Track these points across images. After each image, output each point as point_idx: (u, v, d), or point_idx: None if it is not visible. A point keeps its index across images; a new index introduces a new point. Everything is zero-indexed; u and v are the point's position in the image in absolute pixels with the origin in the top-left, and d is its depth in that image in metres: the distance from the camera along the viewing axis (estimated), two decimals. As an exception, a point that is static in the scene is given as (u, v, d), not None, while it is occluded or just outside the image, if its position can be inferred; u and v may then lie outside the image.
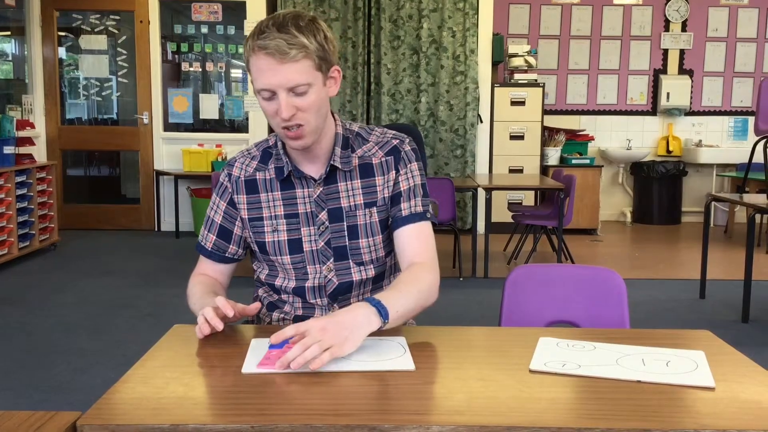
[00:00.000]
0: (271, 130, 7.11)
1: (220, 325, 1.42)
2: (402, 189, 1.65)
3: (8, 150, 5.42)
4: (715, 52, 7.77)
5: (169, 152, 7.10)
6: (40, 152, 6.77)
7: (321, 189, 1.63)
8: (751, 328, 4.04)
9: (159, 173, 7.04)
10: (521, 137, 7.03)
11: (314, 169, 1.63)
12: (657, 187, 7.61)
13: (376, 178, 1.65)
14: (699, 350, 1.36)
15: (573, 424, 1.05)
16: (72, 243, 6.39)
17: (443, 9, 6.88)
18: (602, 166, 7.34)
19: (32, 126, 6.44)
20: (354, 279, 1.66)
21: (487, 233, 5.24)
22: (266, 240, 1.65)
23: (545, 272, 1.92)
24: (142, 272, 5.32)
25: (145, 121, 7.09)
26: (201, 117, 7.21)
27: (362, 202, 1.64)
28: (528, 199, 7.06)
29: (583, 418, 1.07)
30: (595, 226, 7.10)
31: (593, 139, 7.62)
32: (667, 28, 7.73)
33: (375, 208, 1.65)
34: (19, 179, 5.54)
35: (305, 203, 1.63)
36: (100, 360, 3.42)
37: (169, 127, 7.19)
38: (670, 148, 7.80)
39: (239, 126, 7.29)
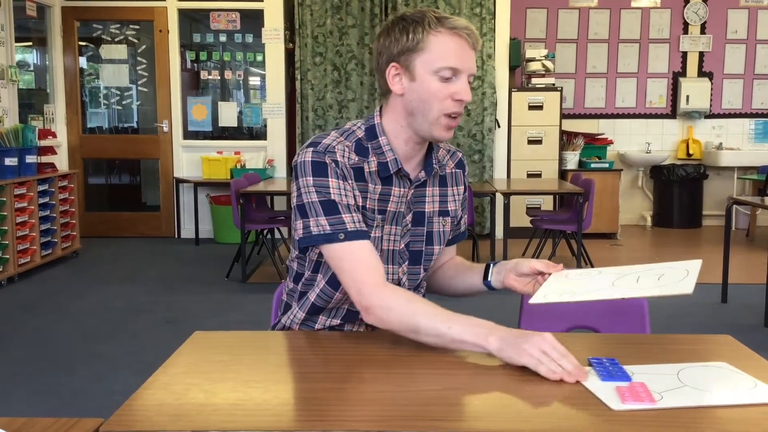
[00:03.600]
0: (290, 136, 7.16)
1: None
2: (466, 206, 1.75)
3: (30, 159, 5.49)
4: (734, 54, 7.70)
5: (189, 160, 7.16)
6: (61, 161, 6.85)
7: (413, 191, 1.60)
8: (775, 333, 3.99)
9: (179, 181, 7.10)
10: (539, 142, 7.01)
11: (410, 170, 1.59)
12: (677, 190, 7.55)
13: (449, 188, 1.67)
14: (697, 260, 1.39)
15: (592, 431, 1.04)
16: (93, 250, 6.46)
17: (460, 14, 6.88)
18: (621, 169, 7.29)
19: (54, 135, 6.52)
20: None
21: (506, 238, 5.23)
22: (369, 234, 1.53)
23: (564, 277, 1.91)
24: (162, 279, 5.36)
25: (165, 129, 7.15)
26: (220, 125, 7.26)
27: (437, 209, 1.64)
28: (547, 203, 7.02)
29: (603, 425, 1.06)
30: (614, 231, 7.05)
31: (612, 143, 7.57)
32: (685, 31, 7.68)
33: (449, 218, 1.66)
34: (41, 188, 5.61)
35: (397, 202, 1.57)
36: (120, 366, 3.45)
37: (188, 135, 7.25)
38: (690, 151, 7.73)
39: (258, 133, 7.33)
